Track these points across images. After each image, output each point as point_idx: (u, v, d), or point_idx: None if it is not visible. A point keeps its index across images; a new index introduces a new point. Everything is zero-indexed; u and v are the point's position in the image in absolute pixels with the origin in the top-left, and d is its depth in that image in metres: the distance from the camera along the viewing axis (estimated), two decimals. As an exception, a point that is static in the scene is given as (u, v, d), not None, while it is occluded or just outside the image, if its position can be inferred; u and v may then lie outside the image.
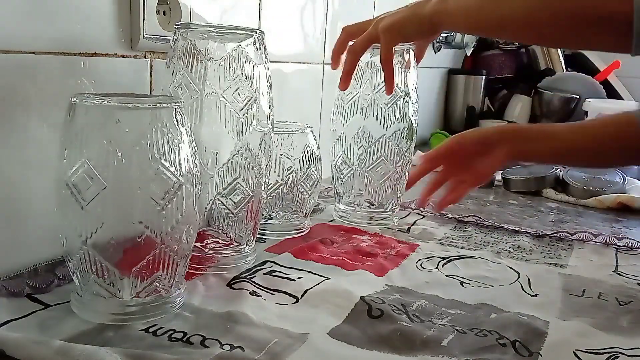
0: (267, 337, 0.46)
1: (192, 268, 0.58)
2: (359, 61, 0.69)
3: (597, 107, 1.42)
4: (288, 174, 0.71)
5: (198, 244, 0.59)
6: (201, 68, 0.55)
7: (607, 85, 1.73)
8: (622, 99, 1.73)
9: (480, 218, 0.83)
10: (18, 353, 0.40)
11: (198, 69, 0.55)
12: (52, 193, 0.47)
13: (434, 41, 1.54)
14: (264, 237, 0.71)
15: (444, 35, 1.54)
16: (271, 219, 0.73)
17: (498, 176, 1.11)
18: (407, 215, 0.86)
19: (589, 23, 0.56)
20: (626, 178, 1.03)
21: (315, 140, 0.73)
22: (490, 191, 1.06)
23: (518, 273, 0.64)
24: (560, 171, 1.06)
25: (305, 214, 0.74)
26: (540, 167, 1.13)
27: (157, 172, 0.45)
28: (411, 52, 0.75)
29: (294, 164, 0.71)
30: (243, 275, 0.58)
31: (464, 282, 0.61)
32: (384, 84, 0.69)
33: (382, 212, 0.80)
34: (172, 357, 0.41)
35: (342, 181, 0.80)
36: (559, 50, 1.80)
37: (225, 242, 0.61)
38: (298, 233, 0.73)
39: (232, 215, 0.59)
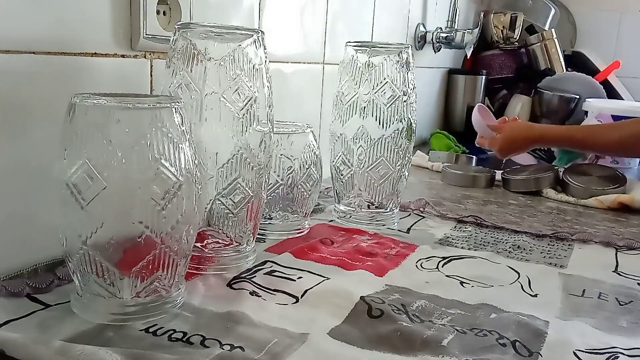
0: (267, 337, 0.46)
1: (192, 268, 0.58)
2: (358, 61, 0.74)
3: (597, 107, 1.42)
4: (288, 174, 0.71)
5: (198, 244, 0.59)
6: (201, 68, 0.55)
7: (607, 85, 1.73)
8: (622, 99, 1.73)
9: (480, 218, 0.83)
10: (18, 353, 0.40)
11: (198, 69, 0.55)
12: (52, 193, 0.47)
13: (434, 41, 1.54)
14: (264, 237, 0.71)
15: (443, 35, 1.54)
16: (271, 219, 0.73)
17: (498, 176, 1.11)
18: (408, 215, 0.86)
19: None
20: (626, 178, 1.03)
21: (315, 140, 0.73)
22: (490, 191, 1.06)
23: (518, 273, 0.64)
24: (560, 171, 1.06)
25: (305, 214, 0.74)
26: (541, 167, 1.13)
27: (157, 172, 0.45)
28: (409, 51, 0.75)
29: (294, 164, 0.71)
30: (243, 275, 0.58)
31: (464, 282, 0.61)
32: (382, 84, 0.71)
33: (382, 212, 0.80)
34: (172, 357, 0.41)
35: (341, 181, 0.80)
36: (559, 50, 1.80)
37: (225, 242, 0.61)
38: (298, 233, 0.73)
39: (232, 215, 0.59)
